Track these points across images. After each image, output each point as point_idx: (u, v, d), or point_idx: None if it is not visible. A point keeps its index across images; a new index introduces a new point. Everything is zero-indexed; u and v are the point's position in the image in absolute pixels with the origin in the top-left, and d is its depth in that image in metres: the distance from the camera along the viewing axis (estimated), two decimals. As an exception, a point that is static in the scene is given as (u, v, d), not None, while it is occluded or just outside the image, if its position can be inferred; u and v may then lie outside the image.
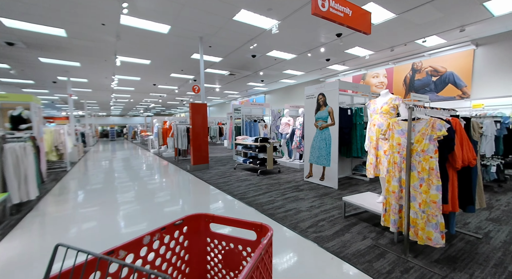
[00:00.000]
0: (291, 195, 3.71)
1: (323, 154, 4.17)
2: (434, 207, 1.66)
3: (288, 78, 11.34)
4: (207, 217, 1.23)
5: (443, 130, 1.64)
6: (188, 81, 11.13)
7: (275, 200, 3.47)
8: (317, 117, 4.28)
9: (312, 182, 4.45)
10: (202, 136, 6.06)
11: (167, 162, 7.82)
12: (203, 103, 6.02)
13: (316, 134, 4.30)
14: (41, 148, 5.11)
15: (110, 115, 32.96)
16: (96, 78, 10.07)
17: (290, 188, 4.13)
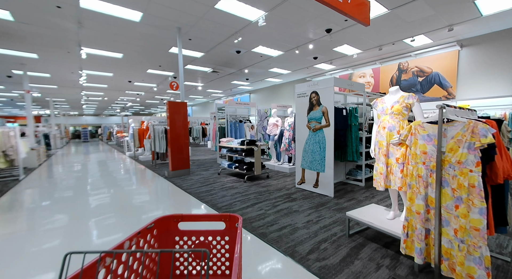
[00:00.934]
0: (284, 206, 3.27)
1: (316, 158, 3.79)
2: (477, 235, 1.29)
3: (274, 77, 10.97)
4: (176, 217, 1.35)
5: (489, 137, 1.27)
6: (167, 79, 10.32)
7: (266, 213, 3.01)
8: (310, 118, 3.89)
9: (305, 189, 4.05)
10: (182, 138, 5.44)
11: (144, 167, 7.06)
12: (182, 102, 5.40)
13: (309, 136, 3.91)
14: None
15: (83, 114, 30.54)
16: (60, 73, 8.94)
17: (281, 197, 3.70)
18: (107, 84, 11.44)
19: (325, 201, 3.46)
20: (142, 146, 9.14)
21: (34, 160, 7.31)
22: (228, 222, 1.34)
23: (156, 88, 12.44)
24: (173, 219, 1.34)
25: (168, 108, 5.17)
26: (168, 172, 5.36)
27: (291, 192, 3.97)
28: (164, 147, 6.92)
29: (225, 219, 1.33)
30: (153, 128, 6.81)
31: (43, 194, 4.23)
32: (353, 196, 3.68)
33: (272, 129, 6.16)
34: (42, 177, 5.75)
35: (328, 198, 3.57)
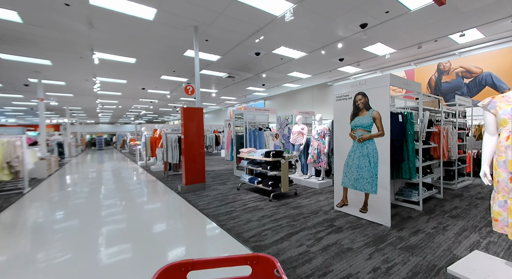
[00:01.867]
0: (330, 239, 2.51)
1: (364, 175, 3.02)
2: None
3: (292, 82, 10.34)
4: (183, 265, 0.97)
5: None
6: (181, 85, 9.97)
7: (309, 252, 2.26)
8: (355, 125, 3.15)
9: (349, 214, 3.27)
10: (197, 148, 4.84)
11: (155, 178, 6.51)
12: (198, 107, 4.85)
13: (354, 148, 3.17)
14: None
15: (99, 123, 31.30)
16: (75, 81, 8.79)
17: (322, 224, 2.94)
18: (121, 92, 11.28)
19: (382, 233, 2.66)
20: (154, 155, 8.69)
21: (44, 170, 6.98)
22: (256, 265, 1.00)
23: (169, 95, 12.18)
24: (179, 269, 0.99)
25: (183, 114, 4.61)
26: (181, 186, 4.74)
27: (331, 216, 3.20)
28: (177, 157, 6.37)
29: (251, 261, 1.00)
30: (166, 137, 6.29)
31: (43, 213, 3.72)
32: (415, 225, 2.85)
33: (296, 138, 5.44)
34: (47, 191, 5.32)
35: (384, 229, 2.76)
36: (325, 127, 4.91)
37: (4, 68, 7.02)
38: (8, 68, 7.07)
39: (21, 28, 4.56)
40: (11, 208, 4.06)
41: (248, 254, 1.01)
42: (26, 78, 8.21)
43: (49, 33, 4.82)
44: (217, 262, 0.99)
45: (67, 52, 5.93)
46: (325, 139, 4.91)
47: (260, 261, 0.99)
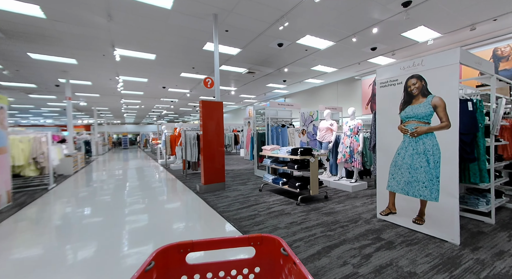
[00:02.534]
0: (381, 258, 1.98)
1: (420, 178, 2.43)
2: None
3: (315, 77, 9.71)
4: (182, 246, 0.89)
5: None
6: (200, 83, 9.83)
7: (358, 275, 1.76)
8: (407, 116, 2.57)
9: (398, 225, 2.68)
10: (216, 145, 4.52)
11: (174, 177, 6.34)
12: (218, 101, 4.52)
13: (405, 144, 2.58)
14: (5, 159, 3.79)
15: (125, 123, 32.90)
16: (100, 80, 9.03)
17: (365, 236, 2.40)
18: (143, 91, 11.48)
19: (451, 252, 2.06)
20: (173, 154, 8.60)
21: (70, 166, 7.16)
22: (260, 246, 0.93)
23: (189, 94, 12.16)
24: (177, 250, 0.89)
25: (201, 108, 4.31)
26: (200, 186, 4.44)
27: (375, 227, 2.64)
28: (196, 155, 6.13)
29: (255, 242, 0.93)
30: (185, 134, 6.08)
31: (64, 209, 3.61)
32: (495, 244, 2.20)
33: (324, 135, 4.89)
34: (71, 187, 5.34)
35: (452, 247, 2.16)
36: (359, 123, 4.31)
37: (36, 68, 7.33)
38: (39, 69, 7.38)
39: (44, 24, 4.58)
40: (35, 203, 4.04)
41: (252, 234, 0.94)
42: (56, 79, 8.57)
43: (71, 29, 4.81)
44: (218, 243, 0.91)
45: (90, 50, 5.96)
46: (358, 136, 4.31)
47: (264, 242, 0.94)
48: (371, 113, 9.08)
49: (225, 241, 0.91)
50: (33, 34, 4.96)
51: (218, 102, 4.51)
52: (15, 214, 3.47)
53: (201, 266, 0.91)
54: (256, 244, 0.93)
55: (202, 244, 0.90)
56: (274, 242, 0.91)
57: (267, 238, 0.93)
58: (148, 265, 0.75)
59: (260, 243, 0.93)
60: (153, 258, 0.80)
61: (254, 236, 0.93)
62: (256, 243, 0.93)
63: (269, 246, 0.92)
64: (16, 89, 10.24)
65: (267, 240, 0.92)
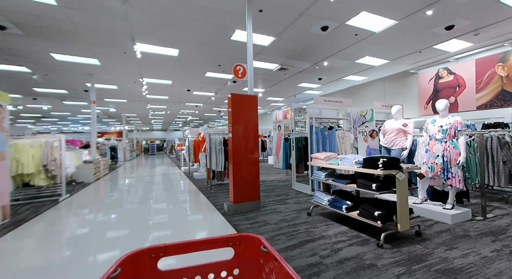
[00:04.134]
0: None
1: None
2: None
3: (356, 74, 8.33)
4: (153, 251, 0.81)
5: None
6: (226, 84, 9.06)
7: None
8: None
9: None
10: (249, 152, 3.47)
11: (196, 188, 5.44)
12: (251, 95, 3.50)
13: None
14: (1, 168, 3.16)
15: (153, 129, 34.04)
16: (124, 83, 8.73)
17: None
18: (167, 95, 11.10)
19: None
20: (197, 161, 7.80)
21: (90, 174, 6.70)
22: (239, 246, 0.89)
23: (214, 97, 11.52)
24: (149, 255, 0.80)
25: (231, 104, 3.32)
26: (228, 205, 3.40)
27: None
28: (222, 163, 5.17)
29: (234, 242, 0.89)
30: (209, 138, 5.17)
31: (64, 231, 2.82)
32: None
33: (395, 139, 3.58)
34: (83, 199, 4.69)
35: None
36: (457, 121, 2.93)
37: (62, 71, 7.16)
38: (65, 72, 7.20)
39: (58, 14, 4.07)
40: (35, 220, 3.35)
41: (231, 234, 0.88)
42: (83, 83, 8.44)
43: (86, 19, 4.25)
44: (194, 245, 0.84)
45: (111, 47, 5.46)
46: (457, 140, 2.93)
47: (243, 241, 0.89)
48: (433, 114, 7.40)
49: (201, 243, 0.85)
50: (49, 28, 4.52)
51: (252, 97, 3.49)
52: (1, 237, 2.74)
53: (175, 272, 0.84)
54: (235, 244, 0.89)
55: (176, 247, 0.83)
56: (254, 240, 0.87)
57: (246, 237, 0.89)
58: (113, 272, 0.67)
59: (240, 243, 0.89)
60: (119, 265, 0.71)
61: (233, 236, 0.88)
62: (235, 243, 0.89)
63: (248, 246, 0.89)
64: (50, 96, 10.50)
65: (247, 239, 0.89)
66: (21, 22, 4.30)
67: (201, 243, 0.84)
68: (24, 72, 7.00)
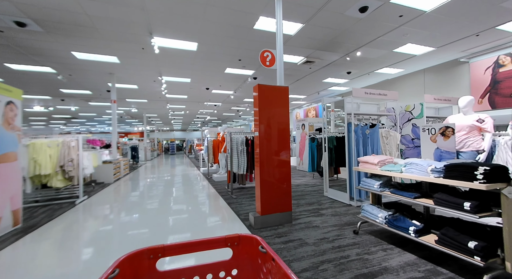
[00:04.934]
0: None
1: None
2: None
3: (392, 66, 7.40)
4: (152, 251, 0.81)
5: None
6: (246, 81, 8.59)
7: None
8: None
9: None
10: (279, 154, 2.92)
11: (216, 191, 5.01)
12: (283, 86, 2.94)
13: None
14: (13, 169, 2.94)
15: (173, 129, 34.81)
16: (144, 83, 8.63)
17: None
18: (186, 95, 10.92)
19: None
20: (216, 162, 7.42)
21: (110, 174, 6.59)
22: (238, 246, 0.89)
23: (233, 96, 11.13)
24: (148, 255, 0.80)
25: (258, 96, 2.80)
26: (254, 216, 2.87)
27: None
28: (244, 165, 4.67)
29: (232, 242, 0.89)
30: (230, 137, 4.70)
31: (81, 235, 2.50)
32: None
33: (466, 139, 2.81)
34: (100, 202, 4.46)
35: None
36: None
37: (84, 71, 7.16)
38: (88, 72, 7.20)
39: (74, 7, 3.84)
40: (48, 226, 3.10)
41: (229, 235, 0.89)
42: (106, 83, 8.47)
43: (103, 11, 4.00)
44: (192, 246, 0.84)
45: (129, 42, 5.22)
46: None
47: (242, 242, 0.90)
48: (490, 109, 6.27)
49: (199, 243, 0.85)
50: (66, 23, 4.34)
51: (282, 89, 2.94)
52: (4, 249, 2.47)
53: (173, 272, 0.84)
54: (233, 245, 0.89)
55: (174, 248, 0.83)
56: (252, 241, 0.88)
57: (245, 238, 0.89)
58: (111, 273, 0.67)
59: (238, 243, 0.89)
60: (118, 265, 0.70)
61: (232, 236, 0.89)
62: (234, 244, 0.89)
63: (246, 246, 0.89)
64: (76, 97, 10.82)
65: (245, 240, 0.89)
66: (39, 18, 4.16)
67: (200, 243, 0.85)
68: (50, 72, 7.10)
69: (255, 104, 2.90)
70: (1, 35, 4.71)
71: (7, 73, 7.10)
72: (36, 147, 4.05)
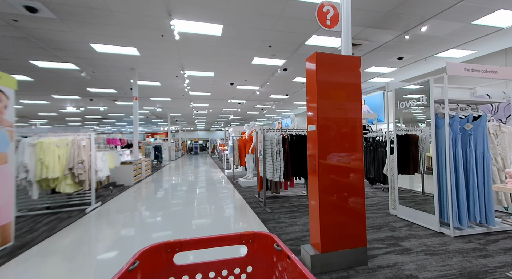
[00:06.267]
0: None
1: None
2: None
3: (463, 46, 5.86)
4: (169, 245, 0.84)
5: None
6: (275, 73, 7.63)
7: None
8: None
9: None
10: (349, 158, 1.91)
11: (244, 201, 4.14)
12: (352, 56, 1.94)
13: None
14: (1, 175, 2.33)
15: (197, 130, 35.17)
16: (167, 78, 8.14)
17: None
18: (210, 92, 10.32)
19: None
20: (243, 164, 6.58)
21: (130, 176, 6.10)
22: (253, 244, 0.90)
23: (258, 92, 10.26)
24: (165, 249, 0.84)
25: (317, 69, 1.83)
26: (309, 253, 1.89)
27: None
28: (281, 171, 3.71)
29: (247, 240, 0.90)
30: (263, 136, 3.77)
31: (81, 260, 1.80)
32: None
33: None
34: (116, 210, 3.84)
35: None
36: None
37: (106, 67, 6.83)
38: (110, 67, 6.86)
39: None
40: (45, 243, 2.47)
41: (244, 232, 0.89)
42: (129, 80, 8.17)
43: (113, -15, 3.35)
44: (208, 241, 0.86)
45: (146, 28, 4.60)
46: None
47: (257, 239, 0.90)
48: None
49: (215, 239, 0.87)
50: (79, 6, 3.80)
51: (352, 59, 1.93)
52: None
53: (190, 266, 0.86)
54: (248, 242, 0.90)
55: (191, 243, 0.85)
56: (267, 239, 0.88)
57: (259, 235, 0.90)
58: (132, 264, 0.70)
59: (253, 241, 0.90)
60: (138, 258, 0.74)
61: (246, 234, 0.89)
62: (249, 241, 0.90)
63: (261, 244, 0.89)
64: (103, 96, 10.84)
65: (260, 237, 0.90)
66: (49, 0, 3.66)
67: (215, 239, 0.86)
68: (74, 69, 6.89)
69: (310, 84, 1.94)
70: (16, 26, 4.38)
71: (36, 72, 7.05)
72: (44, 146, 3.54)
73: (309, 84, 1.96)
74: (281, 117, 21.90)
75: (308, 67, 1.97)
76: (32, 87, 8.77)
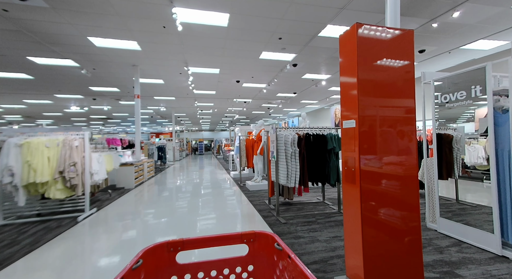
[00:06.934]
0: None
1: None
2: None
3: (495, 35, 5.28)
4: (172, 245, 0.86)
5: None
6: (284, 69, 7.17)
7: None
8: None
9: None
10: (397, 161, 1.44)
11: (253, 208, 3.69)
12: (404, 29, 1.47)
13: None
14: None
15: (202, 130, 34.94)
16: (170, 76, 7.78)
17: None
18: (215, 90, 9.92)
19: None
20: (250, 166, 6.14)
21: (130, 178, 5.74)
22: (254, 243, 0.91)
23: (265, 89, 9.81)
24: (168, 248, 0.86)
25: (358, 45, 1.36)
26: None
27: None
28: (296, 176, 3.24)
29: (248, 239, 0.91)
30: (276, 135, 3.31)
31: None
32: None
33: None
34: (111, 217, 3.46)
35: None
36: None
37: (107, 63, 6.50)
38: (110, 63, 6.53)
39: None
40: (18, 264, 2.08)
41: (245, 231, 0.91)
42: (131, 78, 7.84)
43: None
44: (209, 240, 0.88)
45: (146, 18, 4.21)
46: None
47: (257, 239, 0.91)
48: None
49: (217, 239, 0.88)
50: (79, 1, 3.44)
51: (402, 34, 1.46)
52: None
53: (191, 265, 0.88)
54: (249, 241, 0.91)
55: (193, 242, 0.86)
56: (268, 238, 0.89)
57: (260, 235, 0.91)
58: (135, 263, 0.71)
59: (254, 240, 0.91)
60: (141, 256, 0.76)
61: (247, 233, 0.90)
62: (250, 240, 0.91)
63: (262, 243, 0.90)
64: (106, 95, 10.58)
65: (261, 237, 0.91)
66: (36, -15, 3.31)
67: (217, 239, 0.87)
68: (73, 66, 6.59)
69: (345, 63, 1.48)
70: (7, 17, 4.06)
71: (36, 69, 6.78)
72: (32, 147, 3.17)
73: (344, 67, 1.50)
74: (287, 116, 21.39)
75: (343, 44, 1.51)
76: (33, 86, 8.55)
